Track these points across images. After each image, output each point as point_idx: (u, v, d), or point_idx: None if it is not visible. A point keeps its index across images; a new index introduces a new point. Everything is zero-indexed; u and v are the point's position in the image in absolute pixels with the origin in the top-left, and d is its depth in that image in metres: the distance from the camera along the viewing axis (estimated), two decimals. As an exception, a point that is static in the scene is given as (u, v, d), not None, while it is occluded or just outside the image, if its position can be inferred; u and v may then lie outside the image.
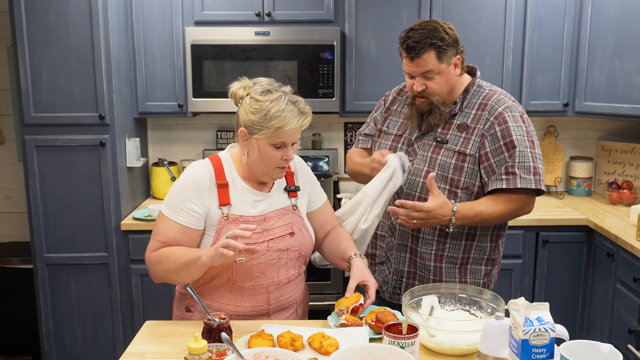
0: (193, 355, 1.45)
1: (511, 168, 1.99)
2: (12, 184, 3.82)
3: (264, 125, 1.74)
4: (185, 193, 1.81)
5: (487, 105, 2.05)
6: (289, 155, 1.79)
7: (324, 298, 3.23)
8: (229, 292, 1.85)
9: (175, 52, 3.29)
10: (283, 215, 1.90)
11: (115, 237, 3.13)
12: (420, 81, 2.02)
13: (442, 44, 1.97)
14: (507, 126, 2.00)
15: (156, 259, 1.80)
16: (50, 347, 3.23)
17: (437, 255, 2.11)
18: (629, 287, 2.75)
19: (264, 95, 1.76)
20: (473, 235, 2.11)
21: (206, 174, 1.83)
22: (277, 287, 1.88)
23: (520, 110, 2.06)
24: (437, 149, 2.08)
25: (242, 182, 1.86)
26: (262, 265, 1.84)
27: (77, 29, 2.96)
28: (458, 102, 2.09)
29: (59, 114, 3.02)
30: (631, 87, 3.10)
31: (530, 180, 1.99)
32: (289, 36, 3.21)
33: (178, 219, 1.80)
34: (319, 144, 3.73)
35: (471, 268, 2.14)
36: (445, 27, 2.00)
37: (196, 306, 1.90)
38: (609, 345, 1.38)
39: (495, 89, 2.12)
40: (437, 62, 1.98)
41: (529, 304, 1.40)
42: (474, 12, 3.27)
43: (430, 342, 1.64)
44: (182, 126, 3.73)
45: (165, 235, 1.81)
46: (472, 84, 2.11)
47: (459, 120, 2.08)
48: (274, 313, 1.91)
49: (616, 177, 3.61)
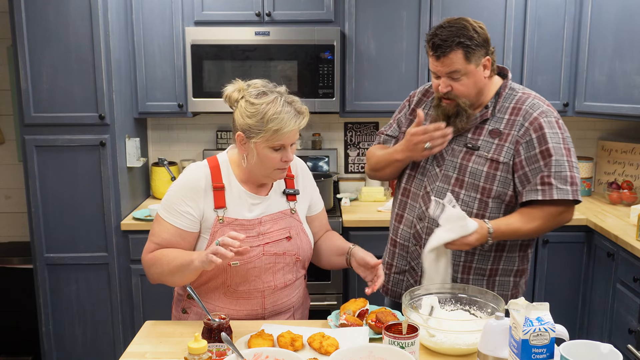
0: (193, 355, 1.45)
1: (547, 178, 1.88)
2: (12, 184, 3.82)
3: (262, 129, 1.71)
4: (181, 195, 1.80)
5: (521, 110, 1.94)
6: (288, 157, 1.77)
7: (324, 298, 3.23)
8: (224, 295, 1.84)
9: (175, 52, 3.29)
10: (280, 219, 1.87)
11: (115, 237, 3.13)
12: (446, 82, 1.92)
13: (470, 43, 1.86)
14: (542, 133, 1.90)
15: (151, 260, 1.81)
16: (50, 347, 3.23)
17: (465, 266, 2.00)
18: (629, 287, 2.75)
19: (259, 98, 1.73)
20: (503, 246, 2.00)
21: (202, 176, 1.81)
22: (273, 291, 1.87)
23: (555, 115, 1.95)
24: (467, 156, 1.96)
25: (239, 185, 1.84)
26: (258, 270, 1.82)
27: (77, 29, 2.96)
28: (490, 106, 1.97)
29: (59, 114, 3.03)
30: (631, 87, 3.10)
31: (567, 191, 1.88)
32: (289, 36, 3.21)
33: (173, 221, 1.79)
34: (319, 144, 3.73)
35: (499, 280, 2.03)
36: (475, 26, 1.90)
37: (192, 308, 1.90)
38: (609, 345, 1.38)
39: (528, 92, 2.01)
40: (465, 62, 1.88)
41: (529, 304, 1.40)
42: (473, 12, 3.27)
43: (430, 342, 1.64)
44: (182, 126, 3.73)
45: (161, 237, 1.81)
46: (504, 87, 2.00)
47: (491, 126, 1.96)
48: (270, 317, 1.90)
49: (616, 177, 3.61)
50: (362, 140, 3.79)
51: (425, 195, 2.01)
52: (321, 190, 3.00)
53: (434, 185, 2.00)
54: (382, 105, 3.38)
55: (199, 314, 1.89)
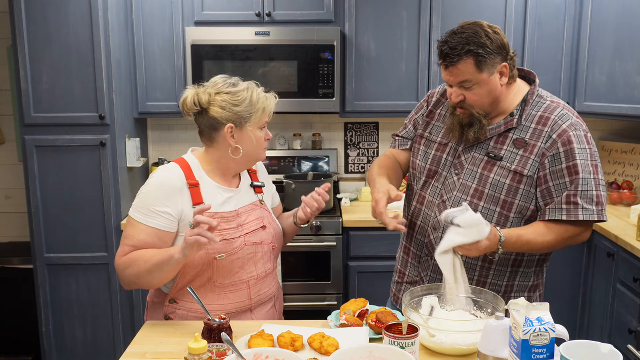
0: (193, 355, 1.45)
1: (573, 197, 1.76)
2: (12, 184, 3.82)
3: (252, 112, 1.81)
4: (157, 196, 1.80)
5: (549, 120, 1.80)
6: (268, 134, 1.91)
7: (323, 298, 3.23)
8: (211, 291, 1.85)
9: (175, 52, 3.29)
10: (253, 210, 1.93)
11: (115, 237, 3.13)
12: (458, 91, 1.81)
13: (482, 51, 1.74)
14: (571, 147, 1.77)
15: (126, 262, 1.79)
16: (50, 347, 3.23)
17: (480, 282, 1.90)
18: (629, 287, 2.75)
19: (236, 87, 1.84)
20: (520, 261, 1.90)
21: (176, 176, 1.83)
22: (256, 281, 1.91)
23: (584, 128, 1.82)
24: (489, 166, 1.84)
25: (210, 180, 1.88)
26: (241, 260, 1.86)
27: (77, 29, 2.96)
28: (515, 114, 1.84)
29: (59, 114, 3.03)
30: (631, 87, 3.10)
31: (593, 212, 1.78)
32: (289, 36, 3.21)
33: (150, 222, 1.79)
34: (319, 144, 3.73)
35: (515, 296, 1.93)
36: (489, 31, 1.76)
37: (176, 312, 1.88)
38: (609, 345, 1.38)
39: (557, 101, 1.87)
40: (476, 71, 1.76)
41: (529, 304, 1.40)
42: (474, 12, 3.27)
43: (430, 342, 1.64)
44: (182, 126, 3.73)
45: (136, 239, 1.79)
46: (532, 94, 1.86)
47: (515, 135, 1.83)
48: (256, 308, 1.92)
49: (616, 177, 3.61)
50: (362, 140, 3.79)
51: (441, 203, 1.91)
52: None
53: (452, 194, 1.90)
54: (382, 105, 3.38)
55: (183, 317, 1.87)
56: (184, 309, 1.87)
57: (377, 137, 3.78)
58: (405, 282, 2.08)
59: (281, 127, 3.75)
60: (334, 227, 3.18)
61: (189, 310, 1.86)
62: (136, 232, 1.80)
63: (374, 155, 3.80)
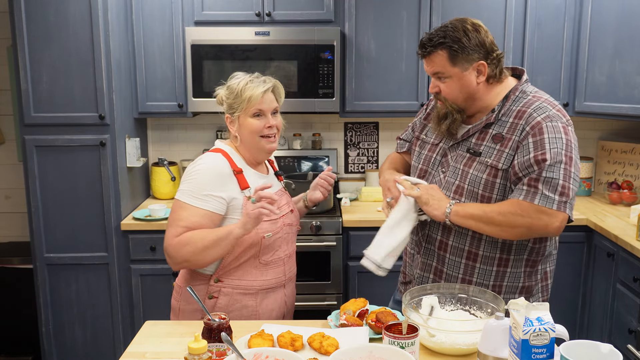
0: (193, 355, 1.45)
1: (534, 182, 1.74)
2: (12, 184, 3.82)
3: (239, 102, 1.97)
4: (210, 181, 1.93)
5: (525, 113, 1.81)
6: (270, 122, 2.00)
7: (324, 298, 3.23)
8: (255, 268, 1.99)
9: (175, 52, 3.29)
10: (282, 195, 2.12)
11: (115, 237, 3.13)
12: (434, 82, 1.89)
13: (456, 46, 1.79)
14: (541, 138, 1.75)
15: (183, 241, 1.90)
16: (50, 347, 3.23)
17: (465, 281, 1.92)
18: (629, 287, 2.75)
19: (232, 80, 2.02)
20: (506, 260, 1.89)
21: (224, 163, 1.97)
22: (288, 258, 2.09)
23: (564, 121, 1.79)
24: (469, 162, 1.88)
25: (249, 167, 2.04)
26: (280, 240, 2.04)
27: (77, 29, 2.96)
28: (495, 110, 1.87)
29: (59, 114, 3.03)
30: (631, 87, 3.10)
31: (553, 200, 1.73)
32: (289, 36, 3.21)
33: (204, 205, 1.92)
34: (319, 144, 3.73)
35: (505, 298, 1.89)
36: (469, 28, 1.82)
37: (221, 290, 1.98)
38: (609, 345, 1.38)
39: (540, 96, 1.86)
40: (449, 64, 1.81)
41: (529, 304, 1.40)
42: (474, 12, 3.27)
43: (430, 342, 1.64)
44: (182, 126, 3.73)
45: (190, 221, 1.91)
46: (514, 90, 1.88)
47: (495, 130, 1.86)
48: (287, 284, 2.10)
49: (616, 177, 3.61)
50: (362, 140, 3.79)
51: None
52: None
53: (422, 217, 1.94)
54: (382, 105, 3.38)
55: (229, 295, 1.98)
56: (230, 286, 1.98)
57: (377, 137, 3.78)
58: (405, 283, 2.13)
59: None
60: (334, 227, 3.18)
61: (235, 288, 1.98)
62: (189, 214, 1.92)
63: (374, 155, 3.80)
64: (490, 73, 1.85)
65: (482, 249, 1.88)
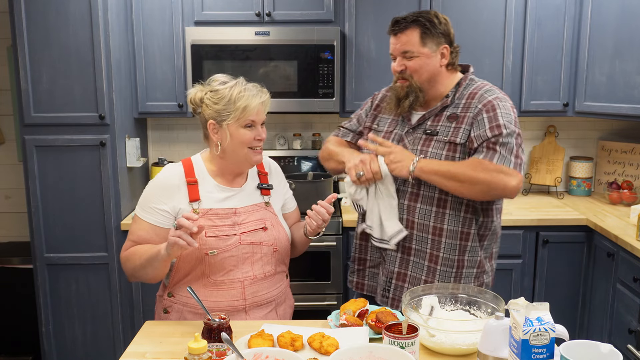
0: (193, 355, 1.45)
1: (492, 145, 1.92)
2: (12, 184, 3.82)
3: (231, 110, 1.84)
4: (155, 194, 1.90)
5: (477, 94, 2.03)
6: (260, 134, 1.89)
7: (324, 298, 3.23)
8: (204, 287, 1.88)
9: (175, 52, 3.29)
10: (255, 211, 1.96)
11: (115, 237, 3.13)
12: (400, 61, 2.03)
13: (429, 25, 1.98)
14: (495, 113, 1.96)
15: (126, 256, 1.90)
16: (50, 347, 3.23)
17: (433, 256, 2.06)
18: (629, 287, 2.75)
19: (222, 85, 1.87)
20: (467, 234, 2.05)
21: (175, 174, 1.92)
22: (252, 281, 1.91)
23: (510, 103, 2.03)
24: (427, 142, 2.04)
25: (211, 179, 1.93)
26: (235, 259, 1.88)
27: (77, 29, 2.96)
28: (450, 96, 2.06)
29: (59, 114, 3.03)
30: (631, 87, 3.10)
31: (510, 161, 1.92)
32: (289, 36, 3.22)
33: (148, 218, 1.89)
34: (319, 144, 3.73)
35: (467, 272, 2.08)
36: (440, 16, 2.03)
37: (173, 306, 1.92)
38: (609, 345, 1.38)
39: (487, 83, 2.10)
40: (419, 43, 1.99)
41: (529, 304, 1.40)
42: (474, 12, 3.27)
43: (430, 342, 1.64)
44: (182, 126, 3.73)
45: (136, 235, 1.90)
46: (465, 78, 2.09)
47: (449, 112, 2.05)
48: (251, 309, 1.92)
49: (616, 177, 3.61)
50: (362, 140, 3.78)
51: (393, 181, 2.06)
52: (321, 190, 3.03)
53: None
54: (382, 105, 3.38)
55: (179, 312, 1.91)
56: (180, 303, 1.91)
57: (377, 137, 3.78)
58: (369, 267, 2.24)
59: (281, 127, 3.75)
60: (334, 227, 3.18)
61: (185, 305, 1.90)
62: (137, 228, 1.90)
63: (374, 155, 3.80)
64: (450, 60, 2.05)
65: (446, 223, 2.03)
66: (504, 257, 3.20)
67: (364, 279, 2.25)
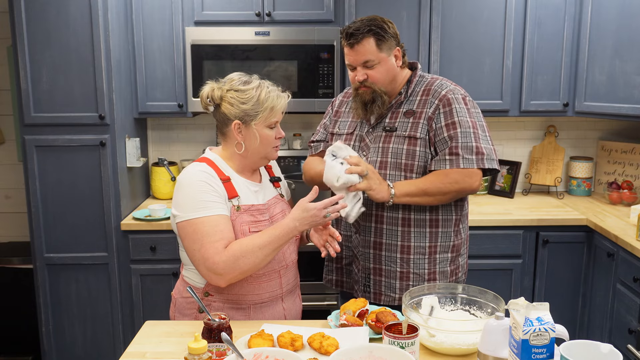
0: (193, 355, 1.45)
1: (455, 149, 2.05)
2: (12, 184, 3.83)
3: (259, 110, 1.86)
4: (205, 190, 1.81)
5: (430, 90, 2.13)
6: (281, 133, 1.95)
7: (323, 298, 3.23)
8: (246, 282, 1.89)
9: (175, 52, 3.29)
10: (277, 202, 2.02)
11: (115, 237, 3.13)
12: (362, 71, 2.09)
13: (381, 31, 2.06)
14: (450, 108, 2.07)
15: (235, 255, 1.76)
16: (50, 347, 3.23)
17: (404, 246, 2.14)
18: (629, 287, 2.75)
19: (246, 85, 1.88)
20: (436, 221, 2.14)
21: (206, 171, 1.85)
22: (286, 270, 1.98)
23: (462, 93, 2.13)
24: (387, 138, 2.14)
25: (237, 175, 1.92)
26: None
27: (77, 29, 2.96)
28: (403, 92, 2.17)
29: (59, 114, 3.03)
30: (631, 87, 3.10)
31: (472, 161, 2.05)
32: (289, 36, 3.21)
33: (217, 211, 1.80)
34: (319, 144, 3.73)
35: (440, 257, 2.17)
36: (386, 20, 2.12)
37: (212, 305, 1.90)
38: (609, 345, 1.38)
39: (437, 77, 2.20)
40: (377, 50, 2.06)
41: (529, 304, 1.40)
42: (474, 12, 3.27)
43: (430, 342, 1.64)
44: (182, 126, 3.73)
45: (220, 230, 1.78)
46: (415, 75, 2.19)
47: (405, 108, 2.15)
48: (286, 297, 2.00)
49: (616, 177, 3.61)
50: (362, 140, 3.78)
51: None
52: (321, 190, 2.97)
53: None
54: (382, 105, 3.37)
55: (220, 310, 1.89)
56: (219, 300, 1.89)
57: (377, 137, 3.78)
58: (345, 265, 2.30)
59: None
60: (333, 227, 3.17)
61: (226, 302, 1.89)
62: (215, 226, 1.78)
63: (374, 155, 3.80)
64: (402, 60, 2.15)
65: (413, 213, 2.12)
66: (504, 257, 3.20)
67: (342, 277, 2.32)
